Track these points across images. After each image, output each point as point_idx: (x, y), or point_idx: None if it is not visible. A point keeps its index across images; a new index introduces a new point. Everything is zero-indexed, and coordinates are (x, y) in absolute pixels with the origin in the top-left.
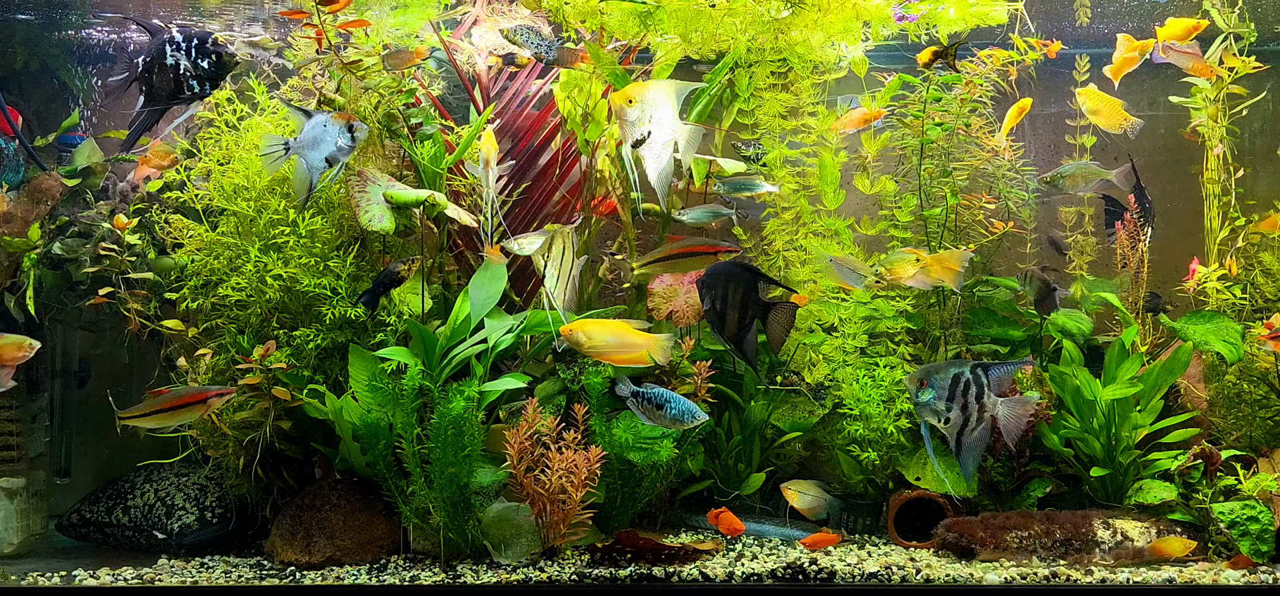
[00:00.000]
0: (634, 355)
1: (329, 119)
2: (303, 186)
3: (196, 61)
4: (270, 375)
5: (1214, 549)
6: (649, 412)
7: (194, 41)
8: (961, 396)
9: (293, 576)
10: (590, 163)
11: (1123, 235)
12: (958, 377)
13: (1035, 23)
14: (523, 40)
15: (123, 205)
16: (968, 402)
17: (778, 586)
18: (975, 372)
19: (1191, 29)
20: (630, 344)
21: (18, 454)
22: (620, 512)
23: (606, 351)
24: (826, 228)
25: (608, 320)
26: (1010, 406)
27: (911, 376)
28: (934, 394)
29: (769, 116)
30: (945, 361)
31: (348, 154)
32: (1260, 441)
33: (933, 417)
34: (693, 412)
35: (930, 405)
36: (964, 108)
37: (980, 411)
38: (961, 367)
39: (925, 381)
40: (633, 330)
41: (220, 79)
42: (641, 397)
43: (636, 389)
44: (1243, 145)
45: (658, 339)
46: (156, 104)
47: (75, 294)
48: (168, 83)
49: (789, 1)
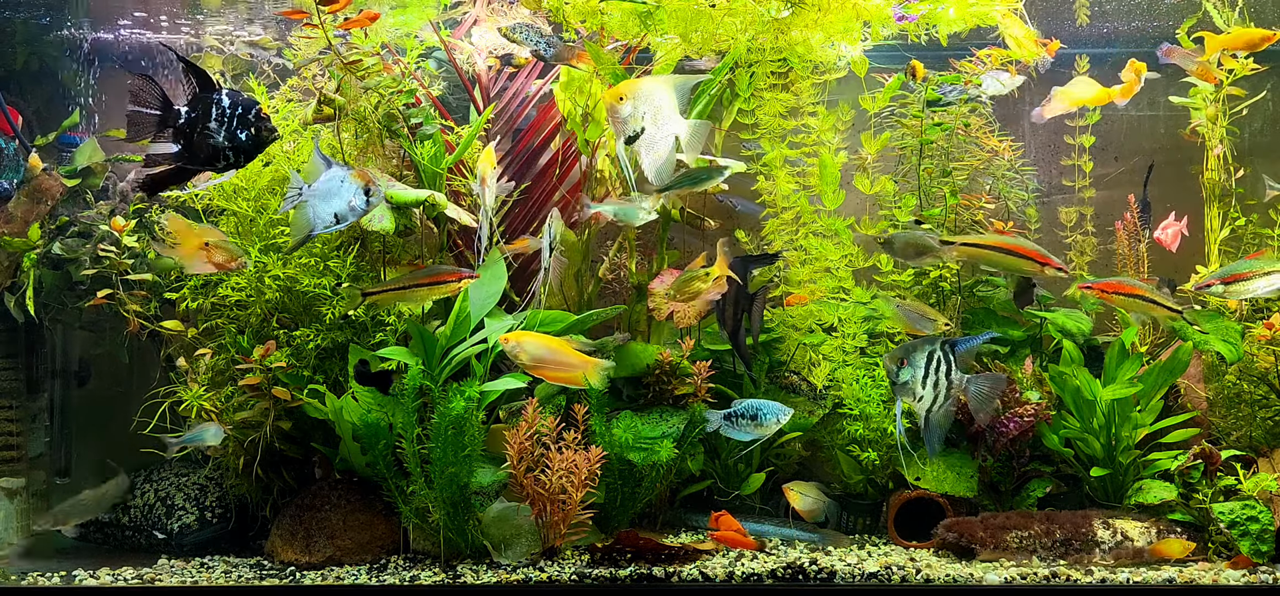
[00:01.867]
0: (569, 374)
1: (347, 175)
2: (301, 232)
3: (237, 132)
4: (270, 375)
5: (1214, 549)
6: (745, 428)
7: (238, 109)
8: (934, 374)
9: (293, 576)
10: (590, 162)
11: (1122, 235)
12: (930, 355)
13: (1036, 22)
14: (522, 38)
15: (123, 205)
16: (939, 380)
17: (778, 586)
18: (944, 349)
19: (1265, 39)
20: (566, 363)
21: (18, 454)
22: (620, 512)
23: (541, 368)
24: (826, 227)
25: (547, 336)
26: (979, 382)
27: (890, 355)
28: (913, 373)
29: (769, 116)
30: (916, 341)
31: (356, 218)
32: (1260, 441)
33: (909, 397)
34: (781, 409)
35: (909, 385)
36: (963, 107)
37: (949, 388)
38: (932, 345)
39: (905, 361)
40: (571, 349)
41: (257, 153)
42: (736, 416)
43: (728, 412)
44: (1242, 145)
45: (596, 362)
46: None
47: (75, 294)
48: (206, 148)
49: (789, 1)
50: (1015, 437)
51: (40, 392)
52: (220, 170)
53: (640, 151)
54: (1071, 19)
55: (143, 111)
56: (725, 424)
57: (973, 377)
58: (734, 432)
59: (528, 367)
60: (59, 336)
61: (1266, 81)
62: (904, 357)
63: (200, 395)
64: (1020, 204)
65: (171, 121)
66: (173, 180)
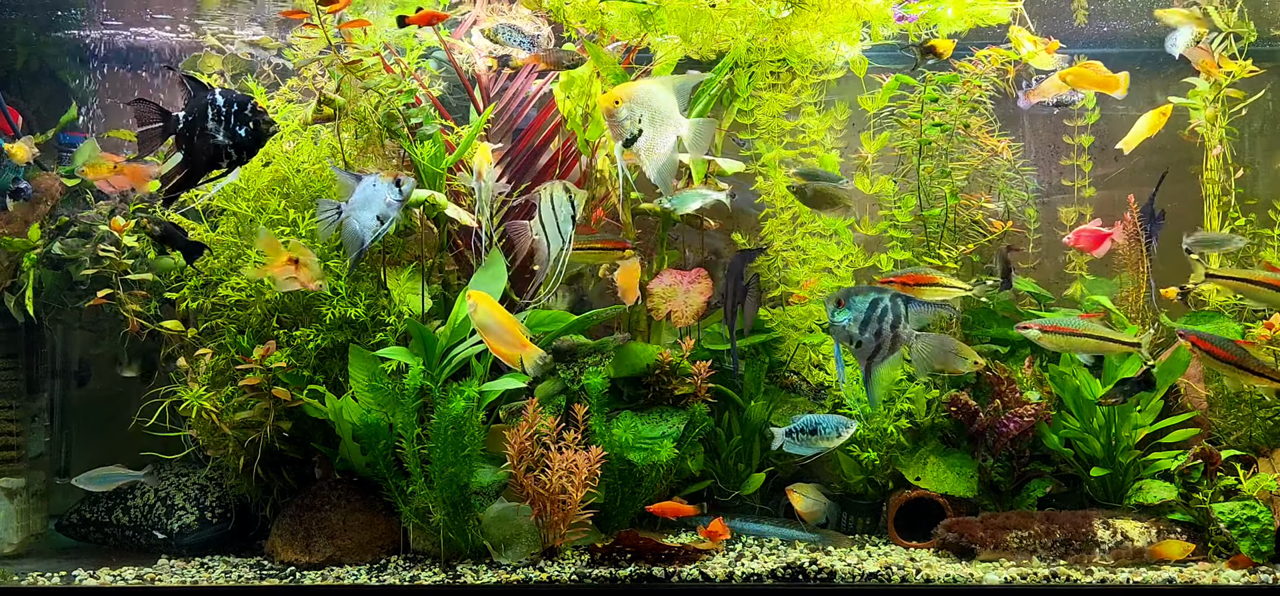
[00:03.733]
0: (507, 351)
1: (377, 178)
2: (354, 246)
3: (236, 129)
4: (270, 375)
5: (1214, 549)
6: (807, 442)
7: (235, 107)
8: (877, 322)
9: (293, 576)
10: (590, 162)
11: (1123, 236)
12: (876, 302)
13: (1036, 22)
14: (505, 39)
15: (122, 205)
16: (882, 329)
17: (778, 586)
18: (894, 301)
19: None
20: (511, 341)
21: (18, 454)
22: (620, 512)
23: (486, 333)
24: (826, 227)
25: (504, 311)
26: (925, 340)
27: (829, 296)
28: (850, 316)
29: (768, 116)
30: (866, 286)
31: (397, 210)
32: (1260, 441)
33: (845, 341)
34: (845, 422)
35: (845, 327)
36: (962, 108)
37: (893, 340)
38: (881, 294)
39: (843, 302)
40: (519, 331)
41: (258, 148)
42: (796, 432)
43: (789, 428)
44: (1241, 145)
45: (535, 350)
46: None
47: (75, 294)
48: (207, 150)
49: (789, 1)
50: (1015, 437)
51: (40, 392)
52: (226, 169)
53: (641, 154)
54: (1070, 19)
55: (148, 129)
56: (787, 440)
57: (920, 335)
58: (795, 448)
59: (477, 328)
60: (59, 336)
61: (1266, 81)
62: (843, 299)
63: (200, 395)
64: (1020, 204)
65: (173, 129)
66: (184, 187)
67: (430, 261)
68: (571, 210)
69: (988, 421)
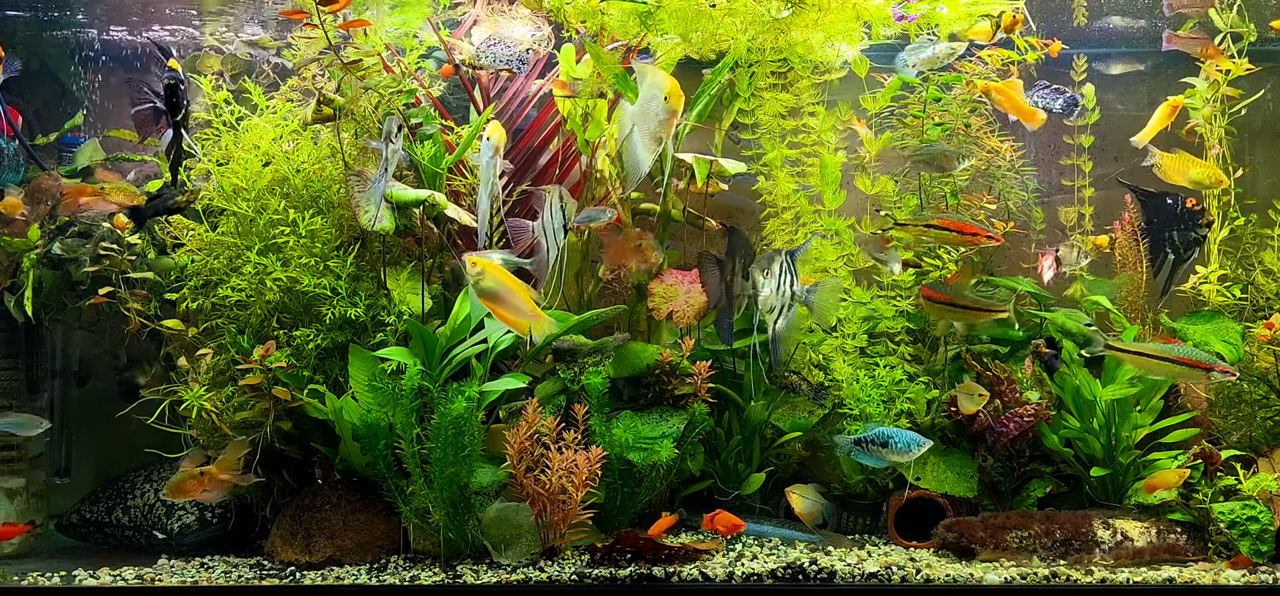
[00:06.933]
0: (516, 321)
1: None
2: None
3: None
4: (270, 375)
5: (1214, 549)
6: (875, 453)
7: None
8: (779, 283)
9: (293, 576)
10: (590, 162)
11: (1122, 236)
12: (780, 263)
13: (1037, 22)
14: (488, 62)
15: None
16: (783, 288)
17: (778, 586)
18: (785, 258)
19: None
20: (518, 309)
21: (18, 454)
22: (620, 512)
23: (494, 302)
24: (826, 227)
25: (511, 276)
26: (819, 291)
27: (754, 265)
28: (769, 284)
29: (769, 116)
30: (771, 252)
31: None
32: (1260, 441)
33: (769, 310)
34: (918, 439)
35: (767, 297)
36: (963, 108)
37: (792, 297)
38: (779, 253)
39: (766, 271)
40: (530, 298)
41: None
42: (866, 442)
43: (858, 438)
44: (1240, 145)
45: (545, 317)
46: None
47: (75, 294)
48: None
49: (789, 1)
50: (1015, 437)
51: (40, 392)
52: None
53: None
54: (1070, 18)
55: (143, 109)
56: (855, 449)
57: (812, 286)
58: (865, 458)
59: (481, 298)
60: (59, 336)
61: (1266, 80)
62: (766, 267)
63: (201, 395)
64: (1020, 204)
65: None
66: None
67: (430, 261)
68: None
69: (987, 421)
